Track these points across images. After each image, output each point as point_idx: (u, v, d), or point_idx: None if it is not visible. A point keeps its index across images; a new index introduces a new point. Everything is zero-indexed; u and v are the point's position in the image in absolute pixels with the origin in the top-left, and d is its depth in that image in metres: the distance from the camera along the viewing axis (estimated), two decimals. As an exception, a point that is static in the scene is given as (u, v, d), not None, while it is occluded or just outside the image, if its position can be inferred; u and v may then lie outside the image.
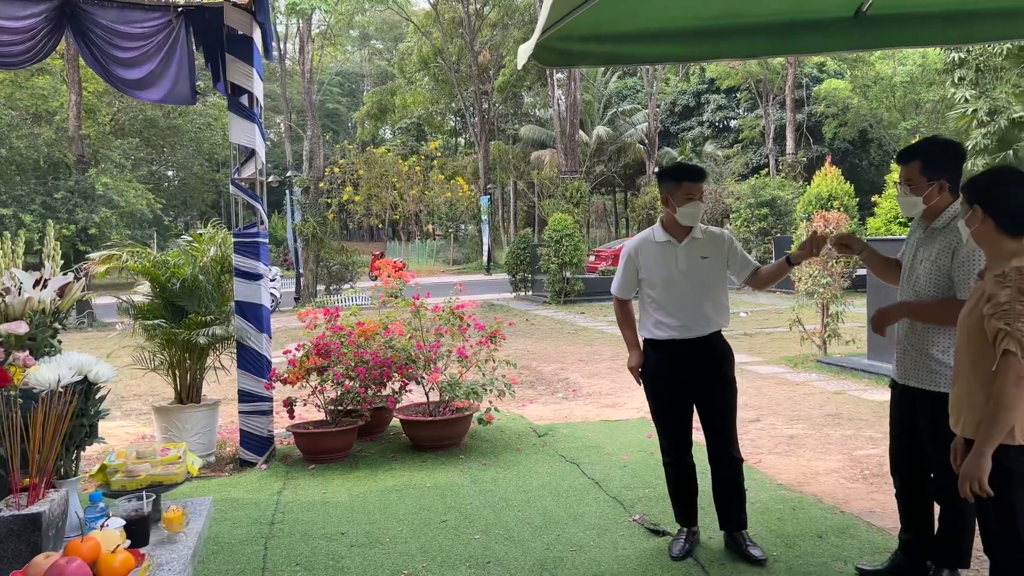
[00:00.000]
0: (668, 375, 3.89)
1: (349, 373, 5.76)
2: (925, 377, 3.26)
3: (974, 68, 24.30)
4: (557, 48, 4.17)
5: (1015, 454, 2.51)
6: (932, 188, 3.25)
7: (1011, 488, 2.53)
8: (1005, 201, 2.58)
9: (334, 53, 45.33)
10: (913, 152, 3.32)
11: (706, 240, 3.91)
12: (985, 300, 2.51)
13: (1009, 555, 2.58)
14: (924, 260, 3.29)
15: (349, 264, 19.17)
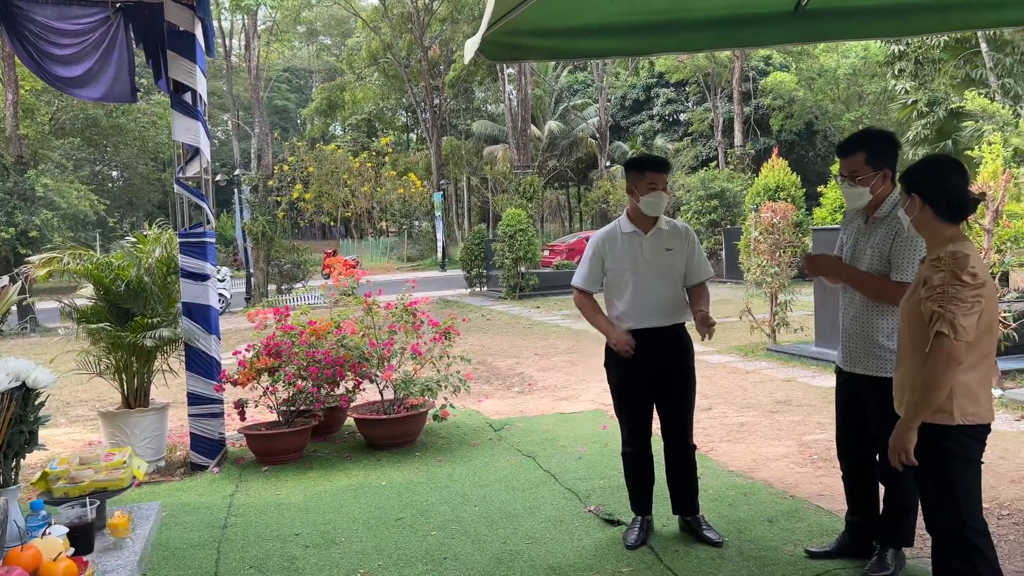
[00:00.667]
0: (633, 366, 3.90)
1: (301, 373, 5.69)
2: (870, 363, 3.35)
3: (913, 60, 24.95)
4: (504, 43, 4.17)
5: (954, 434, 2.60)
6: (877, 178, 3.31)
7: (950, 467, 2.62)
8: (941, 189, 2.65)
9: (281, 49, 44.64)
10: (856, 144, 3.37)
11: (671, 232, 3.95)
12: (922, 284, 2.60)
13: (949, 532, 2.66)
14: (867, 248, 3.37)
15: (301, 263, 18.94)
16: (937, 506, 2.69)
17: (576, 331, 12.43)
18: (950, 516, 2.65)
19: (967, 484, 2.64)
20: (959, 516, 2.63)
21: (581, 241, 25.78)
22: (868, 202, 3.36)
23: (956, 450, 2.62)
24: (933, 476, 2.66)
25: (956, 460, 2.62)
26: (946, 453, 2.62)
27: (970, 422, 2.59)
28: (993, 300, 2.61)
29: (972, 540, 2.61)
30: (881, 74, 29.92)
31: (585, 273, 4.02)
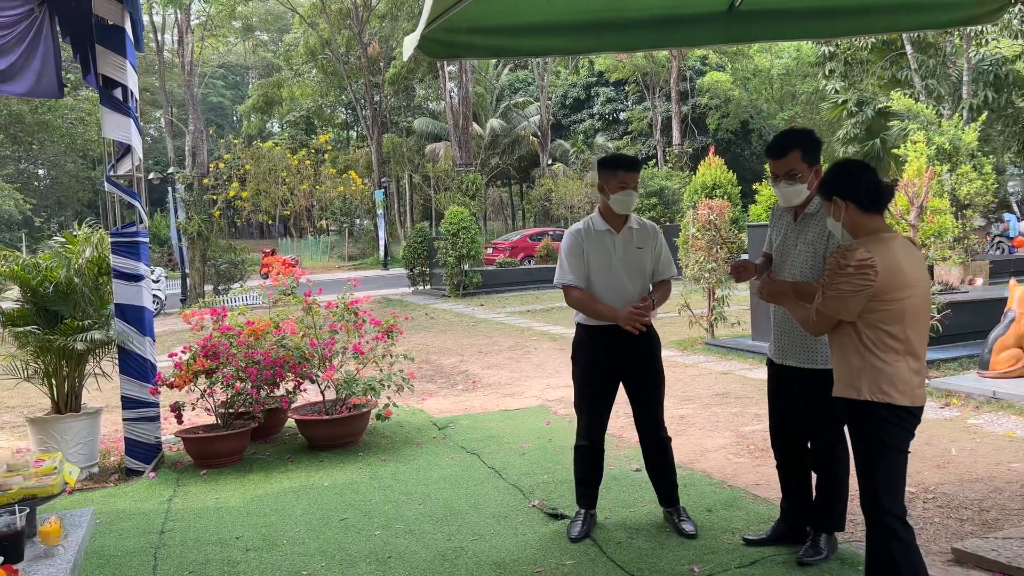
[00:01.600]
0: (603, 362, 3.95)
1: (239, 374, 5.60)
2: (803, 356, 3.47)
3: (843, 61, 25.74)
4: (443, 40, 4.17)
5: (864, 409, 2.79)
6: (811, 174, 3.42)
7: (869, 446, 2.80)
8: (858, 184, 2.83)
9: (216, 45, 43.70)
10: (790, 143, 3.43)
11: (640, 231, 3.99)
12: None
13: (869, 514, 2.81)
14: (798, 244, 3.47)
15: (238, 263, 18.57)
16: (860, 487, 2.84)
17: (520, 328, 12.49)
18: (868, 497, 2.79)
19: (886, 468, 2.76)
20: (876, 499, 2.76)
21: (524, 239, 25.86)
22: (805, 199, 3.45)
23: (870, 430, 2.78)
24: (857, 455, 2.86)
25: (872, 440, 2.78)
26: (863, 432, 2.81)
27: (879, 399, 2.74)
28: (915, 289, 2.74)
29: (889, 524, 2.74)
30: (813, 74, 30.78)
31: (572, 268, 3.95)
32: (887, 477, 2.77)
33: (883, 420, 2.76)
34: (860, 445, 2.84)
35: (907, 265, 2.75)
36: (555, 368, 8.91)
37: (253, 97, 43.09)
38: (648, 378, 4.00)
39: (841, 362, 2.88)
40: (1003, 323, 6.76)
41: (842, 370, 2.88)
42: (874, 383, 2.76)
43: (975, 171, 13.34)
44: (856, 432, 2.86)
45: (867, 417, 2.79)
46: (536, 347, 10.51)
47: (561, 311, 14.53)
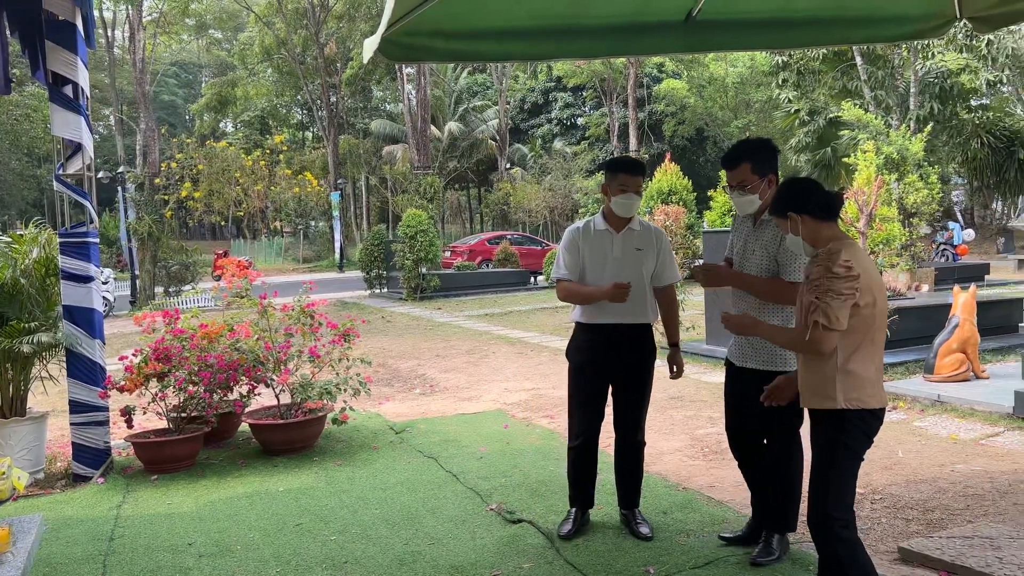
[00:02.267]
0: (601, 360, 3.97)
1: (192, 378, 5.50)
2: (764, 358, 3.55)
3: (796, 71, 26.27)
4: (403, 43, 4.17)
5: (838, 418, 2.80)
6: (763, 184, 3.53)
7: (834, 450, 2.82)
8: (808, 197, 2.91)
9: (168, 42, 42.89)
10: (740, 155, 3.53)
11: (642, 233, 4.01)
12: (808, 281, 2.81)
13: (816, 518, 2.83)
14: (756, 248, 3.57)
15: (190, 264, 18.22)
16: (812, 492, 2.85)
17: (478, 331, 12.48)
18: (818, 503, 2.81)
19: (841, 474, 2.80)
20: (825, 505, 2.79)
21: (482, 242, 25.83)
22: (759, 208, 3.56)
23: (839, 437, 2.79)
24: (818, 461, 2.87)
25: (837, 446, 2.80)
26: (831, 439, 2.81)
27: (854, 406, 2.76)
28: (881, 293, 2.79)
29: (834, 530, 2.77)
30: (766, 83, 31.34)
31: (567, 264, 3.99)
32: (841, 483, 2.80)
33: (854, 426, 2.79)
34: (824, 451, 2.84)
35: (871, 267, 2.81)
36: (513, 372, 8.92)
37: (206, 96, 42.38)
38: (637, 381, 4.05)
39: (812, 372, 2.84)
40: (947, 328, 6.96)
41: (813, 380, 2.84)
42: (849, 390, 2.77)
43: (921, 180, 13.73)
44: (823, 440, 2.84)
45: (839, 424, 2.79)
46: (494, 351, 10.52)
47: (519, 315, 14.57)
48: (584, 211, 22.42)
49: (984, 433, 5.57)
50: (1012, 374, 6.86)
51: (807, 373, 2.88)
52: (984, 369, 7.09)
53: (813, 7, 4.45)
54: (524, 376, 8.65)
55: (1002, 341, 8.50)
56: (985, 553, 3.41)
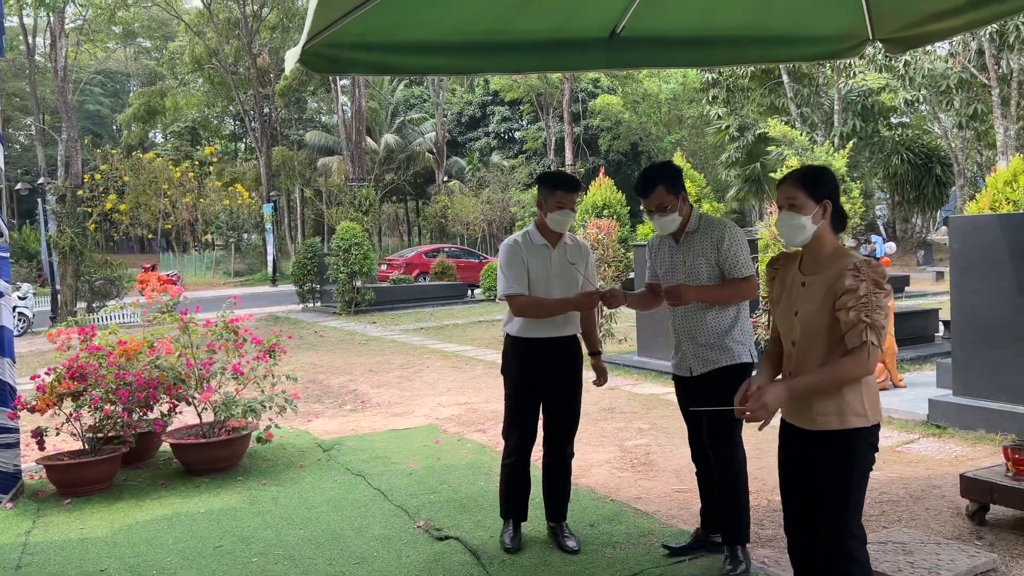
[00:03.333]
0: (531, 374, 3.98)
1: (109, 396, 5.31)
2: (720, 357, 3.57)
3: (725, 88, 26.98)
4: (326, 55, 4.11)
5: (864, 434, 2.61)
6: (679, 202, 3.60)
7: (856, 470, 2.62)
8: (843, 210, 2.70)
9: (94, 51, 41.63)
10: (652, 180, 3.58)
11: (573, 247, 4.05)
12: (842, 293, 2.55)
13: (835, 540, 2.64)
14: (686, 262, 3.63)
15: (115, 279, 17.64)
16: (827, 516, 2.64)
17: (413, 346, 12.38)
18: (836, 525, 2.62)
19: (860, 493, 2.64)
20: (846, 526, 2.61)
21: (419, 255, 25.70)
22: (680, 224, 3.63)
23: (865, 451, 2.62)
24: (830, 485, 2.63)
25: (864, 461, 2.62)
26: (854, 454, 2.60)
27: (876, 421, 2.63)
28: None
29: (853, 551, 2.62)
30: (698, 100, 32.07)
31: (515, 278, 3.93)
32: (858, 502, 2.63)
33: (875, 439, 2.63)
34: (847, 470, 2.59)
35: None
36: (447, 386, 8.87)
37: (134, 106, 41.22)
38: (569, 392, 4.10)
39: (843, 391, 2.58)
40: (866, 339, 7.18)
41: (828, 401, 2.59)
42: (859, 406, 2.57)
43: (845, 195, 14.18)
44: (844, 459, 2.59)
45: (866, 439, 2.61)
46: (428, 365, 10.45)
47: (455, 328, 14.51)
48: (521, 224, 22.50)
49: (900, 440, 5.75)
50: (928, 383, 7.11)
51: (838, 393, 2.58)
52: (902, 378, 7.34)
53: (733, 26, 4.55)
54: (458, 390, 8.61)
55: (919, 351, 8.81)
56: (897, 558, 3.51)
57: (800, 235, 2.66)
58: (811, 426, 2.63)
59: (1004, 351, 5.47)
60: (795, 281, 2.73)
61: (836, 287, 2.56)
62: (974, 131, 25.35)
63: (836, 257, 2.65)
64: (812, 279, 2.66)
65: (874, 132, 26.36)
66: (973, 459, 5.09)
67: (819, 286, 2.62)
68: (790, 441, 2.76)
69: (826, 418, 2.59)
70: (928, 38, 4.99)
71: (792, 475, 2.78)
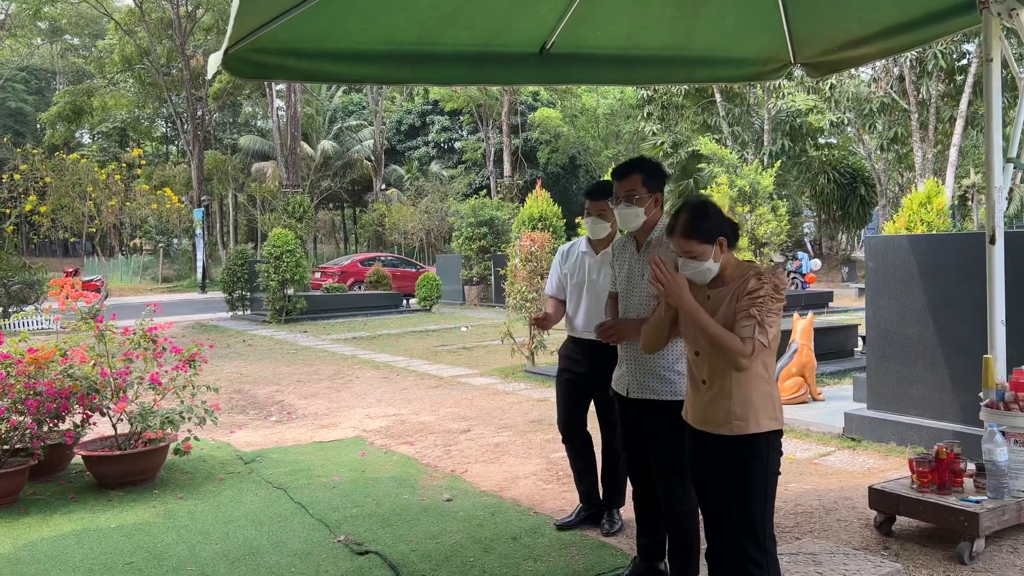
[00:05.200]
0: (582, 368, 4.29)
1: (17, 406, 5.09)
2: (662, 387, 3.35)
3: (660, 105, 27.51)
4: (252, 60, 4.05)
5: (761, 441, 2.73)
6: (650, 201, 3.39)
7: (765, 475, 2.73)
8: (730, 224, 2.80)
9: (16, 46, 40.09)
10: (633, 166, 3.45)
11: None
12: (744, 294, 2.67)
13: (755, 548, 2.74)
14: (647, 274, 3.29)
15: (34, 283, 16.97)
16: (741, 525, 2.74)
17: (344, 355, 12.22)
18: (752, 534, 2.72)
19: (770, 499, 2.74)
20: (762, 533, 2.72)
21: (355, 264, 25.42)
22: (641, 224, 3.42)
23: (772, 456, 2.72)
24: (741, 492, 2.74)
25: (763, 472, 2.71)
26: (763, 458, 2.71)
27: (774, 428, 2.73)
28: None
29: (771, 551, 2.74)
30: (634, 116, 32.60)
31: (551, 281, 4.50)
32: (770, 508, 2.74)
33: (779, 445, 2.74)
34: (756, 478, 2.71)
35: None
36: (376, 397, 8.78)
37: (59, 104, 39.78)
38: None
39: (736, 397, 2.70)
40: (787, 353, 7.38)
41: (734, 405, 2.70)
42: (771, 410, 2.71)
43: (772, 213, 14.60)
44: (752, 465, 2.70)
45: (774, 444, 2.73)
46: (358, 376, 10.32)
47: (388, 338, 14.38)
48: (458, 234, 22.49)
49: (817, 453, 5.92)
50: (845, 396, 7.34)
51: (725, 399, 2.71)
52: (821, 392, 7.56)
53: (658, 46, 4.66)
54: (387, 402, 8.53)
55: (839, 365, 9.09)
56: (807, 568, 3.60)
57: (709, 276, 2.79)
58: (726, 431, 2.73)
59: (914, 366, 5.68)
60: (700, 293, 2.81)
61: (739, 290, 2.69)
62: (895, 153, 26.41)
63: (739, 270, 2.78)
64: (717, 291, 2.77)
65: (802, 152, 27.21)
66: (884, 471, 5.27)
67: (724, 296, 2.74)
68: (703, 449, 2.84)
69: (742, 423, 2.71)
70: (846, 63, 5.20)
71: (706, 482, 2.87)
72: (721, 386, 2.74)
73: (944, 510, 3.90)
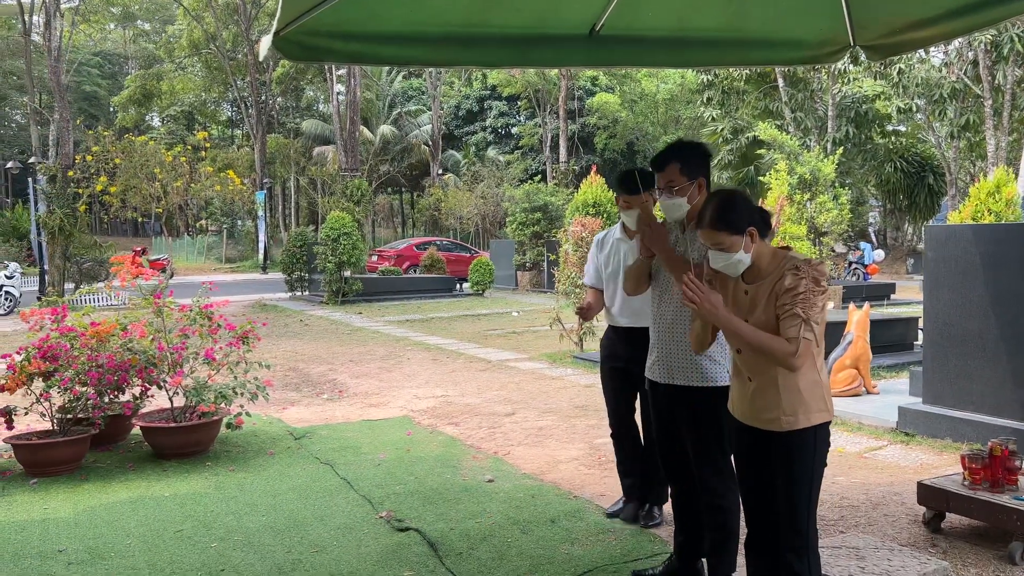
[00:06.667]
0: (621, 359, 4.24)
1: (80, 378, 5.30)
2: (694, 374, 3.26)
3: (721, 90, 26.98)
4: (302, 43, 4.09)
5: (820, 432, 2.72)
6: (692, 188, 3.25)
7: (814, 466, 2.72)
8: (760, 214, 2.73)
9: (90, 31, 41.41)
10: (669, 155, 3.30)
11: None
12: (783, 292, 2.62)
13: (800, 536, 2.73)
14: (691, 255, 3.18)
15: (104, 260, 17.56)
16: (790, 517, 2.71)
17: (396, 337, 12.38)
18: (799, 525, 2.69)
19: (817, 491, 2.74)
20: (808, 520, 2.70)
21: (410, 248, 25.68)
22: (686, 213, 3.28)
23: (820, 448, 2.71)
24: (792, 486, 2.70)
25: (818, 457, 2.72)
26: (811, 451, 2.69)
27: (824, 419, 2.70)
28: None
29: (813, 542, 2.72)
30: (694, 101, 32.07)
31: (590, 272, 4.47)
32: (815, 500, 2.71)
33: (822, 440, 2.70)
34: (804, 470, 2.69)
35: None
36: (426, 378, 8.88)
37: (130, 88, 41.07)
38: None
39: (784, 390, 2.66)
40: (842, 345, 7.21)
41: (783, 400, 2.66)
42: (820, 400, 2.66)
43: (833, 201, 14.24)
44: (802, 457, 2.68)
45: (823, 436, 2.70)
46: (410, 357, 10.45)
47: (440, 322, 14.51)
48: (511, 219, 22.49)
49: (868, 447, 5.78)
50: (901, 390, 7.14)
51: (775, 393, 2.67)
52: (875, 385, 7.37)
53: (711, 27, 4.55)
54: (436, 383, 8.62)
55: (897, 358, 8.83)
56: (849, 563, 3.53)
57: (741, 268, 2.73)
58: (775, 427, 2.69)
59: (973, 361, 5.50)
60: (737, 290, 2.77)
61: (777, 288, 2.64)
62: (967, 141, 25.44)
63: (775, 262, 2.71)
64: (755, 287, 2.72)
65: (867, 139, 26.41)
66: (937, 467, 5.12)
67: (763, 292, 2.69)
68: (750, 442, 2.80)
69: (791, 418, 2.67)
70: (909, 45, 5.01)
71: (751, 475, 2.84)
72: (768, 380, 2.70)
73: (996, 508, 3.77)
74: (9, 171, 26.14)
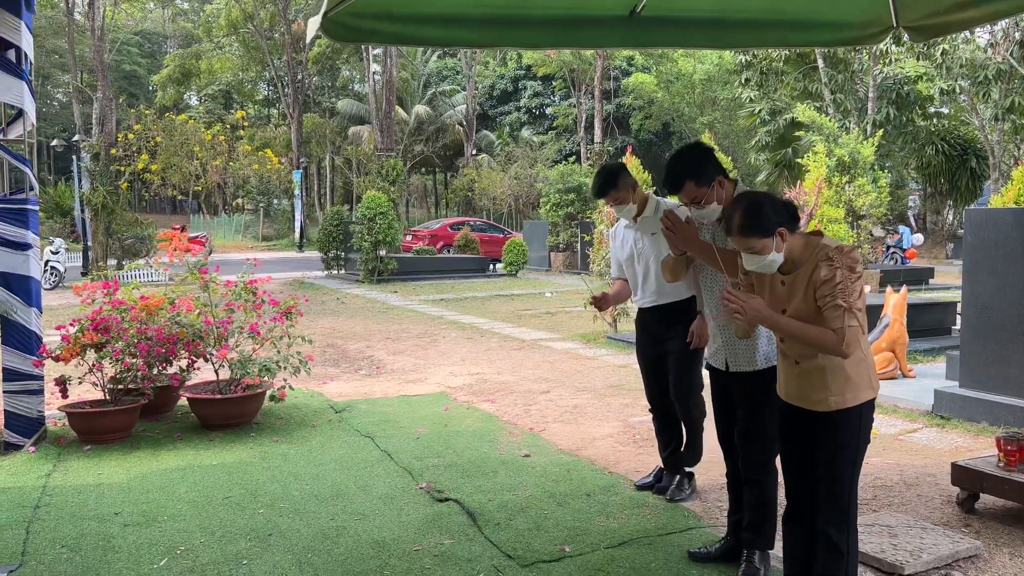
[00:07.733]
0: (650, 339, 4.37)
1: (130, 350, 5.49)
2: (748, 359, 3.37)
3: (759, 71, 26.59)
4: (347, 24, 4.18)
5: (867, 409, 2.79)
6: (714, 191, 3.31)
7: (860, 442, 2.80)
8: (786, 211, 2.77)
9: (131, 11, 41.95)
10: (679, 177, 3.30)
11: (654, 218, 4.06)
12: (820, 284, 2.67)
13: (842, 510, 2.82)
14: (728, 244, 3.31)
15: (144, 237, 17.97)
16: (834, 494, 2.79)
17: (431, 316, 12.53)
18: (843, 502, 2.78)
19: (858, 468, 2.83)
20: (850, 494, 2.80)
21: (444, 228, 25.83)
22: (721, 211, 3.31)
23: (865, 424, 2.80)
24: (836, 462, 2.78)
25: (863, 433, 2.80)
26: (857, 428, 2.76)
27: (870, 397, 2.79)
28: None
29: (853, 517, 2.83)
30: (731, 82, 31.66)
31: (613, 264, 4.55)
32: (856, 475, 2.79)
33: (867, 417, 2.77)
34: (849, 446, 2.76)
35: None
36: (461, 356, 9.00)
37: (169, 67, 41.58)
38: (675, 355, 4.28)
39: (831, 370, 2.72)
40: (878, 328, 7.19)
41: (830, 381, 2.73)
42: (866, 378, 2.74)
43: (871, 184, 14.06)
44: (846, 434, 2.75)
45: (867, 413, 2.78)
46: (445, 335, 10.59)
47: (474, 301, 14.64)
48: (545, 200, 22.51)
49: (903, 429, 5.79)
50: (937, 374, 7.12)
51: (821, 373, 2.73)
52: (911, 368, 7.34)
53: (752, 8, 4.56)
54: (471, 361, 8.74)
55: (934, 343, 8.77)
56: (881, 540, 3.58)
57: (775, 267, 2.79)
58: (823, 408, 2.76)
59: (1012, 345, 5.47)
60: (774, 281, 2.83)
61: (814, 278, 2.70)
62: (1012, 124, 24.84)
63: (808, 250, 2.76)
64: (791, 277, 2.79)
65: (908, 121, 25.90)
66: (972, 450, 5.12)
67: (800, 281, 2.76)
68: (796, 421, 2.87)
69: (838, 398, 2.74)
70: (954, 26, 4.97)
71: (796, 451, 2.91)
72: (814, 363, 2.77)
73: (1031, 490, 3.79)
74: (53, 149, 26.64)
